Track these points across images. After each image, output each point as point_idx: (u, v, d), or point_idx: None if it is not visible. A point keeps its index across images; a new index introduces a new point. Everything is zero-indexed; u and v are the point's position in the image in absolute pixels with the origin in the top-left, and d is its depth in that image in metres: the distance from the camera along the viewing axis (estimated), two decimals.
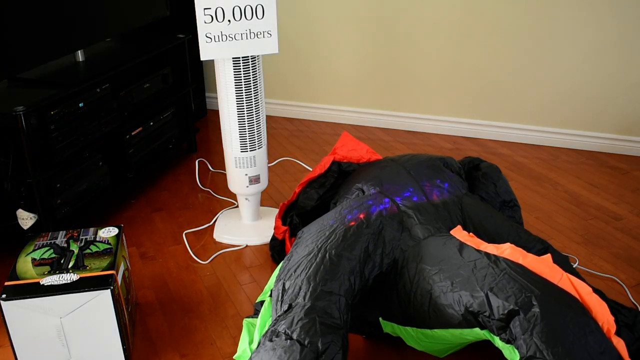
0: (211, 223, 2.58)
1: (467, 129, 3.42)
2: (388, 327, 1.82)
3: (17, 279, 1.75)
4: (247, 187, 2.39)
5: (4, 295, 1.68)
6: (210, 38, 2.11)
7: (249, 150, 2.31)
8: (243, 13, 2.11)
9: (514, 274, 1.54)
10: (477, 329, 1.55)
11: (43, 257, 1.84)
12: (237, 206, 2.66)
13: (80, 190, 2.46)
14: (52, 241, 1.92)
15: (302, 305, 1.57)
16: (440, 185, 1.96)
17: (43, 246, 1.90)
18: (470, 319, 1.54)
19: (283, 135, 3.48)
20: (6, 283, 1.73)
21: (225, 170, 2.89)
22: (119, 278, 1.83)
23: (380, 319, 1.82)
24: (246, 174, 2.36)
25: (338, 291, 1.62)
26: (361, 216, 1.80)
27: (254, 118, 2.27)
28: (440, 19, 3.24)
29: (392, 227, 1.79)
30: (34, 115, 2.21)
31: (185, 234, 2.51)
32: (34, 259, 1.83)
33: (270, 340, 1.51)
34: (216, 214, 2.64)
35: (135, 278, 2.24)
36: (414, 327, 1.71)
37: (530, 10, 3.06)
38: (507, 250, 1.63)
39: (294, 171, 3.04)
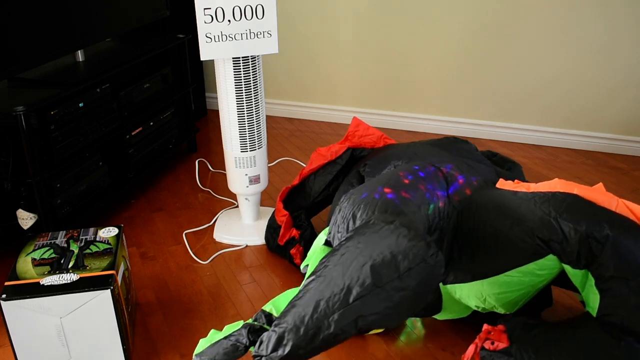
0: (211, 223, 2.58)
1: (467, 129, 3.42)
2: (447, 295, 1.77)
3: (17, 279, 1.75)
4: (247, 187, 2.39)
5: (4, 295, 1.68)
6: (210, 38, 2.11)
7: (249, 150, 2.31)
8: (243, 13, 2.11)
9: (576, 202, 1.56)
10: (549, 256, 1.54)
11: (43, 257, 1.84)
12: (237, 206, 2.66)
13: (80, 190, 2.46)
14: (52, 241, 1.92)
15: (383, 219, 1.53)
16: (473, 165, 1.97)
17: (43, 246, 1.90)
18: (542, 247, 1.54)
19: (283, 135, 3.48)
20: (6, 283, 1.73)
21: (225, 171, 2.89)
22: (119, 278, 1.83)
23: (441, 285, 1.76)
24: (246, 174, 2.36)
25: (414, 218, 1.61)
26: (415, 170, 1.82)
27: (254, 118, 2.27)
28: (439, 19, 3.24)
29: (440, 184, 1.80)
30: (34, 115, 2.21)
31: (185, 234, 2.51)
32: (34, 259, 1.83)
33: (362, 234, 1.47)
34: (216, 214, 2.64)
35: (136, 278, 2.24)
36: (482, 279, 1.67)
37: (530, 10, 3.06)
38: (558, 185, 1.64)
39: (294, 171, 3.04)
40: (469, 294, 1.72)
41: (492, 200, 1.70)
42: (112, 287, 1.72)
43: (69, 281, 1.73)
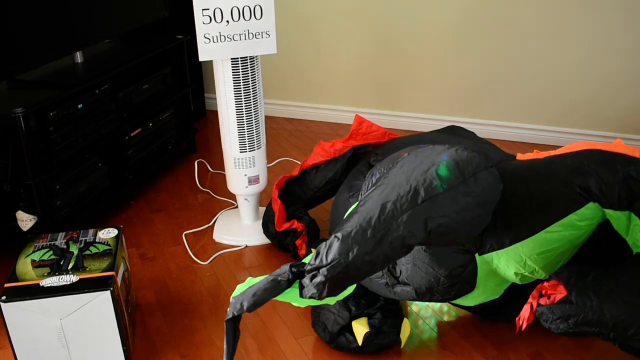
0: (211, 224, 2.58)
1: (468, 128, 3.42)
2: (483, 267, 1.72)
3: (17, 280, 1.75)
4: (247, 187, 2.39)
5: (3, 297, 1.68)
6: (209, 39, 2.11)
7: (248, 150, 2.31)
8: (241, 14, 2.12)
9: (603, 152, 1.57)
10: (589, 204, 1.54)
11: (43, 258, 1.84)
12: (237, 207, 2.66)
13: (79, 191, 2.46)
14: (52, 242, 1.92)
15: None
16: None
17: (43, 248, 1.90)
18: (581, 195, 1.53)
19: (282, 135, 3.48)
20: (6, 285, 1.73)
21: (224, 171, 2.89)
22: (119, 279, 1.83)
23: (477, 256, 1.72)
24: (245, 175, 2.36)
25: None
26: None
27: (253, 118, 2.27)
28: (439, 19, 3.24)
29: None
30: (33, 117, 2.21)
31: (185, 234, 2.51)
32: (33, 261, 1.83)
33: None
34: (216, 215, 2.64)
35: (135, 279, 2.24)
36: (522, 240, 1.65)
37: (530, 10, 3.06)
38: (580, 145, 1.65)
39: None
40: (508, 260, 1.67)
41: (518, 166, 1.68)
42: (111, 289, 1.72)
43: (68, 282, 1.73)
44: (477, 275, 1.72)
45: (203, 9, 2.11)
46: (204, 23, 2.10)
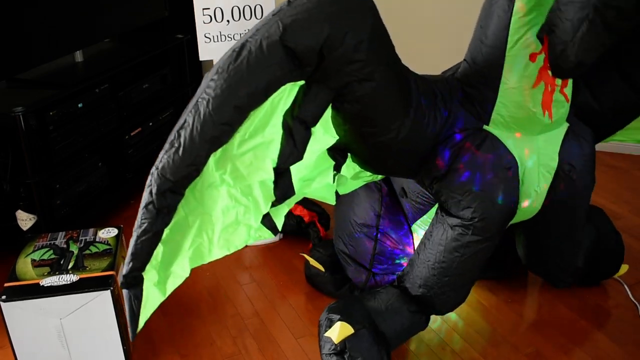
0: None
1: None
2: None
3: (17, 280, 1.75)
4: None
5: (4, 297, 1.68)
6: (209, 38, 2.11)
7: None
8: (242, 13, 2.12)
9: None
10: None
11: (43, 258, 1.84)
12: None
13: (79, 190, 2.45)
14: (52, 242, 1.92)
15: None
16: None
17: (43, 247, 1.90)
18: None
19: None
20: (6, 284, 1.73)
21: None
22: (119, 278, 1.82)
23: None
24: None
25: None
26: None
27: None
28: (439, 19, 3.24)
29: None
30: (32, 116, 2.21)
31: None
32: (33, 260, 1.83)
33: None
34: None
35: None
36: None
37: None
38: None
39: None
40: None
41: None
42: (112, 288, 1.72)
43: (69, 282, 1.73)
44: None
45: (204, 9, 2.11)
46: (204, 22, 2.10)
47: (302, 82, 1.47)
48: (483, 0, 1.66)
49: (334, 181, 1.73)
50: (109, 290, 1.72)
